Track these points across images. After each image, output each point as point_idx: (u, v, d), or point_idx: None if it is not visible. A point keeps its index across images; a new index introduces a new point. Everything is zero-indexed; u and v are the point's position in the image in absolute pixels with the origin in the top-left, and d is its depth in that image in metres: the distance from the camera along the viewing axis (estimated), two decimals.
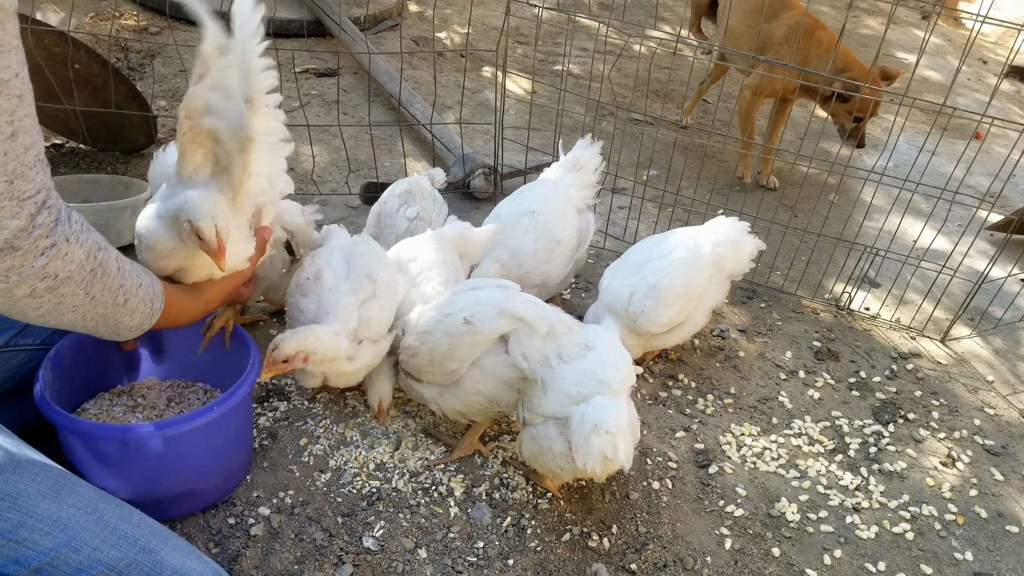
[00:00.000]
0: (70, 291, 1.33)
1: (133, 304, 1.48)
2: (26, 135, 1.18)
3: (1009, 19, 3.01)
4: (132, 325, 1.52)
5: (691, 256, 2.42)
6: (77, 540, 1.31)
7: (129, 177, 2.94)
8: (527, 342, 1.92)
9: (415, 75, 4.60)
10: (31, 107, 1.20)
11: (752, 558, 1.98)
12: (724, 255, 2.50)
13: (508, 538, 1.93)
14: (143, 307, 1.51)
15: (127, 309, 1.47)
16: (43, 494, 1.33)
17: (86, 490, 1.40)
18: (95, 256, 1.36)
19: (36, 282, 1.27)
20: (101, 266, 1.37)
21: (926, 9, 7.07)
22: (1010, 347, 2.99)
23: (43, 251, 1.25)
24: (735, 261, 2.54)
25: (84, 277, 1.34)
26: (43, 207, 1.24)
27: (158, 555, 1.38)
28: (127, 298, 1.46)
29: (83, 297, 1.36)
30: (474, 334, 1.94)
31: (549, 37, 5.56)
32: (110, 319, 1.46)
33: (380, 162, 3.56)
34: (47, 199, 1.25)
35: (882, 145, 4.52)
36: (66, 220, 1.30)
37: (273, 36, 3.87)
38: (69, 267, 1.31)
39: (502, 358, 1.97)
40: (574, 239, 2.60)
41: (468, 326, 1.93)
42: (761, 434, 2.39)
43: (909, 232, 3.46)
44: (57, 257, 1.28)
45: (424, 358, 2.02)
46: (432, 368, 2.02)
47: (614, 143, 3.85)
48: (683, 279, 2.38)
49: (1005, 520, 2.19)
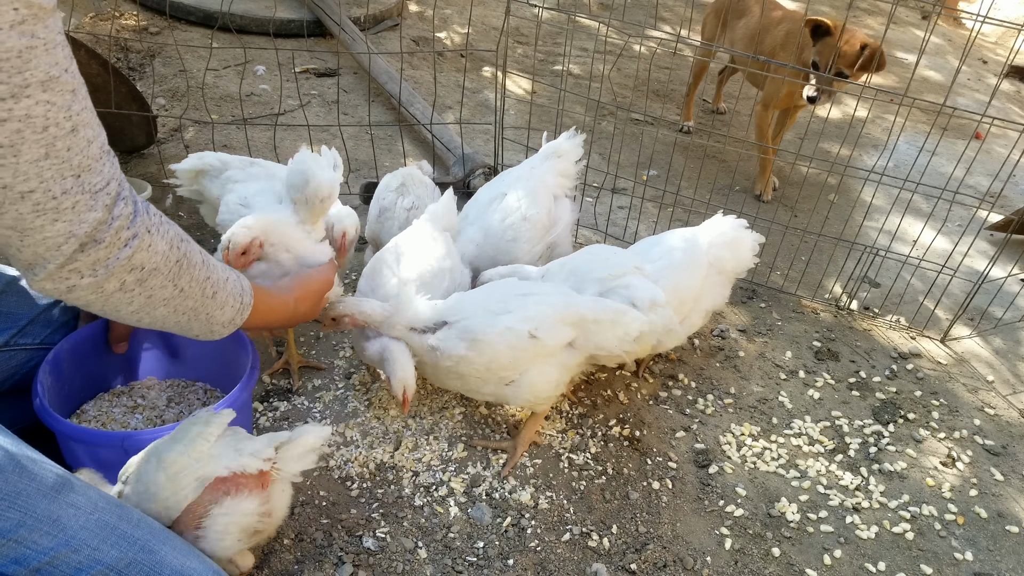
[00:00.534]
0: (158, 283, 1.33)
1: (222, 297, 1.48)
2: (87, 128, 1.19)
3: (1009, 19, 3.01)
4: (224, 320, 1.51)
5: (685, 259, 2.38)
6: (76, 540, 1.31)
7: (129, 177, 2.93)
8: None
9: (415, 75, 4.59)
10: (86, 99, 1.19)
11: (752, 558, 1.98)
12: (721, 256, 2.45)
13: (508, 538, 1.93)
14: (232, 301, 1.51)
15: (217, 302, 1.47)
16: (42, 494, 1.32)
17: (86, 490, 1.39)
18: (178, 247, 1.36)
19: (124, 275, 1.28)
20: (186, 257, 1.38)
21: (926, 9, 7.07)
22: (1010, 347, 2.99)
23: (126, 242, 1.26)
24: (735, 260, 2.50)
25: (170, 268, 1.34)
26: (118, 198, 1.24)
27: (157, 555, 1.38)
28: (215, 290, 1.46)
29: (172, 289, 1.36)
30: (540, 345, 1.96)
31: (549, 37, 5.56)
32: (201, 313, 1.45)
33: (380, 162, 3.56)
34: (120, 190, 1.25)
35: (882, 145, 4.52)
36: (144, 212, 1.30)
37: (273, 36, 3.89)
38: (155, 258, 1.31)
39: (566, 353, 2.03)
40: (543, 219, 2.58)
41: (534, 339, 1.95)
42: (761, 434, 2.39)
43: (909, 232, 3.46)
44: (141, 248, 1.28)
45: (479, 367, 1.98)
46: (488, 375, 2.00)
47: (614, 143, 3.85)
48: (675, 283, 2.33)
49: (1005, 520, 2.19)
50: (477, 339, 1.93)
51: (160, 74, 3.99)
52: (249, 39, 4.35)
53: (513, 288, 2.09)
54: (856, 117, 4.53)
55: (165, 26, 4.41)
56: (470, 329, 1.95)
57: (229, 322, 1.53)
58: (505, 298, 2.03)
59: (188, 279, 1.39)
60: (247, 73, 4.13)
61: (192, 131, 3.56)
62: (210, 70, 4.00)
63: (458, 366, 1.97)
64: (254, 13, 4.54)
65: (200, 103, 3.66)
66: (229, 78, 4.07)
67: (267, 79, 4.17)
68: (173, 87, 3.88)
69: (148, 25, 4.46)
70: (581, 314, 1.99)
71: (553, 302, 2.01)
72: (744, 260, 2.53)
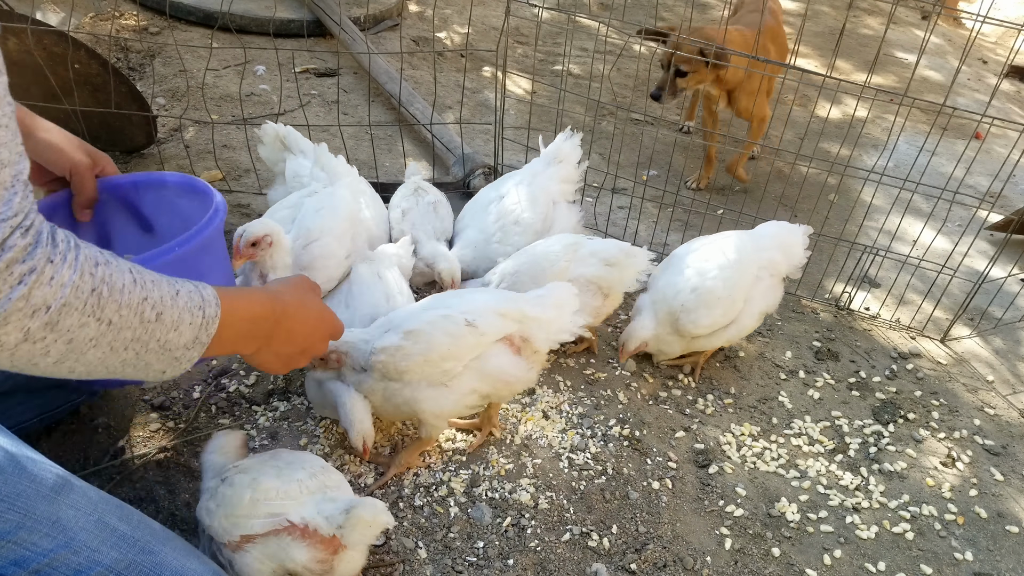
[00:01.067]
0: (75, 322, 1.06)
1: (172, 316, 1.19)
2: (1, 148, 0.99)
3: (1009, 19, 3.01)
4: (186, 342, 1.23)
5: (736, 259, 2.43)
6: (76, 541, 1.31)
7: None
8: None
9: (415, 75, 4.59)
10: (10, 121, 1.00)
11: (752, 558, 1.98)
12: (774, 259, 2.51)
13: (508, 538, 1.93)
14: (189, 316, 1.22)
15: (165, 324, 1.18)
16: (42, 495, 1.32)
17: (86, 491, 1.39)
18: (92, 273, 1.08)
19: (26, 321, 1.01)
20: (106, 282, 1.09)
21: (926, 9, 7.07)
22: (1010, 347, 2.99)
23: (20, 278, 1.00)
24: (787, 261, 2.54)
25: (85, 300, 1.07)
26: (17, 229, 1.00)
27: (157, 556, 1.37)
28: (160, 311, 1.17)
29: (97, 325, 1.09)
30: (478, 334, 1.94)
31: (549, 37, 5.56)
32: (150, 343, 1.17)
33: (380, 162, 3.56)
34: (24, 222, 1.01)
35: (882, 145, 4.52)
36: (48, 241, 1.04)
37: (273, 36, 3.89)
38: (60, 292, 1.04)
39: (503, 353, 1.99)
40: (537, 224, 2.60)
41: (471, 328, 1.93)
42: (761, 434, 2.39)
43: (909, 232, 3.46)
44: (40, 283, 1.01)
45: (417, 358, 1.96)
46: (426, 368, 1.96)
47: (614, 143, 3.85)
48: (725, 281, 2.38)
49: (1005, 520, 2.19)
50: (412, 329, 1.93)
51: (160, 74, 3.99)
52: (249, 39, 4.34)
53: (451, 293, 2.16)
54: (856, 117, 4.53)
55: (165, 26, 4.41)
56: (405, 323, 1.96)
57: (193, 342, 1.24)
58: (442, 299, 2.08)
59: (114, 308, 1.10)
60: (247, 73, 4.12)
61: (192, 131, 3.56)
62: (210, 70, 4.00)
63: (396, 362, 1.91)
64: (254, 13, 4.54)
65: (200, 103, 3.65)
66: (229, 78, 4.07)
67: (267, 79, 4.17)
68: (173, 87, 3.88)
69: (148, 25, 4.46)
70: (520, 308, 1.99)
71: (489, 298, 2.02)
72: (796, 258, 2.56)
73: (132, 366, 1.19)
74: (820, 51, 6.06)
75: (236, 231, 2.01)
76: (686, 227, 3.47)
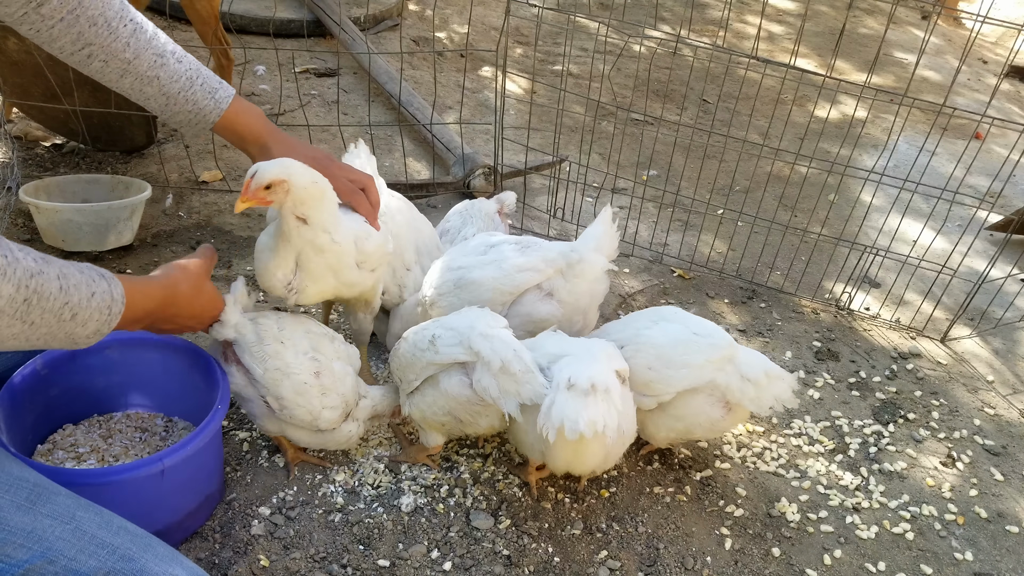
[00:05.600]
0: (4, 323, 1.26)
1: (84, 315, 1.40)
2: None
3: (1009, 19, 3.00)
4: (88, 333, 1.44)
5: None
6: (52, 551, 1.27)
7: (129, 177, 2.93)
8: (480, 373, 1.85)
9: (415, 75, 4.60)
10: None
11: (752, 558, 1.98)
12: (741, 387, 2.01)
13: (508, 538, 1.93)
14: (97, 315, 1.43)
15: (77, 322, 1.40)
16: (17, 505, 1.29)
17: (64, 499, 1.36)
18: (27, 285, 1.26)
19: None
20: (36, 293, 1.29)
21: (926, 9, 7.07)
22: (1010, 347, 2.99)
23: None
24: (755, 400, 2.01)
25: (17, 309, 1.26)
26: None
27: (138, 563, 1.33)
28: (75, 312, 1.38)
29: (21, 326, 1.29)
30: (433, 354, 1.90)
31: (549, 37, 5.56)
32: (59, 334, 1.39)
33: (380, 162, 3.56)
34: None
35: (882, 145, 4.52)
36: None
37: (273, 36, 3.89)
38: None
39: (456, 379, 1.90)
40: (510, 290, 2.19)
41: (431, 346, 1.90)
42: (761, 434, 2.39)
43: (909, 232, 3.46)
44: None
45: (394, 362, 2.05)
46: (398, 373, 2.03)
47: (614, 143, 3.85)
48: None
49: (1005, 520, 2.19)
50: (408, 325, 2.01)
51: None
52: (249, 39, 4.35)
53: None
54: (856, 117, 4.53)
55: (165, 26, 4.41)
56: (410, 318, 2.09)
57: (94, 333, 1.45)
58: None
59: (39, 312, 1.31)
60: (247, 73, 4.13)
61: None
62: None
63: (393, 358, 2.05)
64: (254, 13, 4.54)
65: None
66: None
67: (267, 79, 4.17)
68: None
69: None
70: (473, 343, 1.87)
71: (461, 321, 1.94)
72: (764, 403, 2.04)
73: (35, 347, 1.40)
74: (819, 51, 6.06)
75: (248, 171, 1.77)
76: (686, 227, 3.47)
